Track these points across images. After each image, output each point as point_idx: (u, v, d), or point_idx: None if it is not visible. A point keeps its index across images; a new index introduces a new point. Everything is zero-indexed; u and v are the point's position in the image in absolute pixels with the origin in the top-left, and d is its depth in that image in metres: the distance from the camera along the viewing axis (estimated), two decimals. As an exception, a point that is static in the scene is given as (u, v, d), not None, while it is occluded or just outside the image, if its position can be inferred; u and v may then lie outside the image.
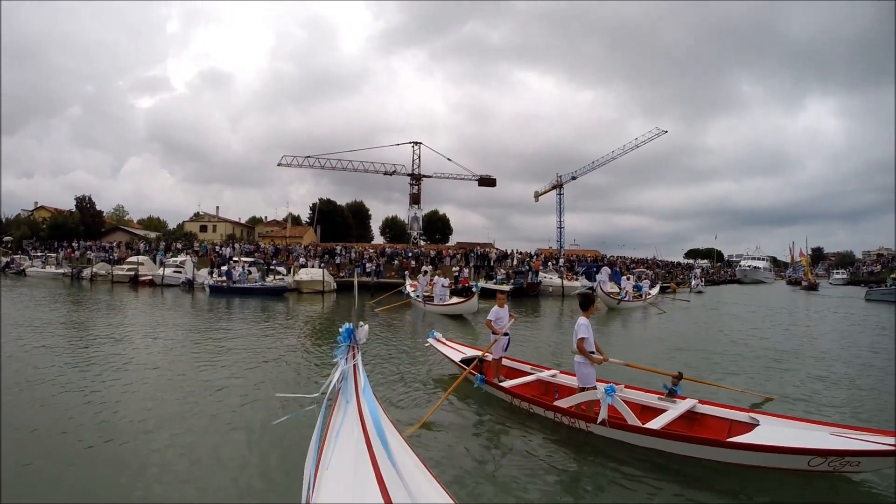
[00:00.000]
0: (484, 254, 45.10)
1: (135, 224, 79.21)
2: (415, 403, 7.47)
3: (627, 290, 27.42)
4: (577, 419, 6.23)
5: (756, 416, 5.83)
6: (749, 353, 12.65)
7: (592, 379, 6.40)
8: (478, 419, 6.94)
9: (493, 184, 64.01)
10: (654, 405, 6.48)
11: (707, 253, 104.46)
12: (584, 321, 6.43)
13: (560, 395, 7.53)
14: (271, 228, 74.68)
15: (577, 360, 6.46)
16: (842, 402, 8.20)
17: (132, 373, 8.90)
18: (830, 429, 5.25)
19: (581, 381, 6.48)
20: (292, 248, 45.29)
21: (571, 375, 7.52)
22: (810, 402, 8.11)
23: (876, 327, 19.27)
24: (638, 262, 56.39)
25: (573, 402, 6.50)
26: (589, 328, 6.44)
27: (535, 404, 6.88)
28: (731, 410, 6.19)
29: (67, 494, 4.50)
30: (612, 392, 5.82)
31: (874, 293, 35.17)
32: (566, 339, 14.86)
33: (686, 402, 6.43)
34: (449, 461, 5.39)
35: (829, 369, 10.71)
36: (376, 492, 2.52)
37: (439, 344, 9.58)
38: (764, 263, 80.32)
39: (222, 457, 5.36)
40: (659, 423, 5.80)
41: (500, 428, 6.56)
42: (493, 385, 7.64)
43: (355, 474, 2.77)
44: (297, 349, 12.05)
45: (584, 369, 6.41)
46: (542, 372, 8.26)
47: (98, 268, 37.58)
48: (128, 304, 22.50)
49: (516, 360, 8.96)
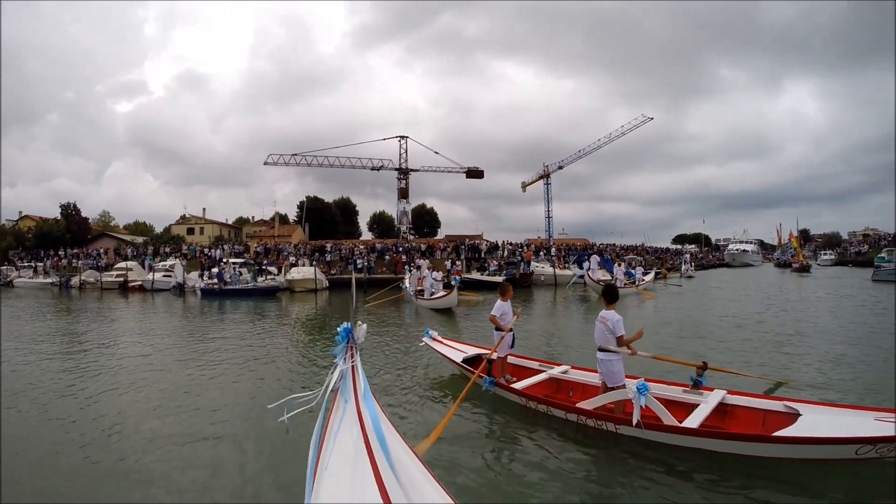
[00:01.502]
0: (474, 245, 45.21)
1: (121, 229, 78.46)
2: (416, 412, 6.83)
3: (618, 277, 27.54)
4: (605, 421, 5.72)
5: (792, 405, 5.47)
6: (761, 337, 12.16)
7: (621, 377, 5.92)
8: (487, 423, 6.40)
9: (480, 175, 64.07)
10: (681, 399, 6.05)
11: (695, 238, 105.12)
12: (617, 315, 5.97)
13: (575, 393, 7.06)
14: (259, 228, 74.33)
15: (603, 357, 5.98)
16: (868, 387, 7.62)
17: (127, 379, 8.83)
18: (874, 413, 4.98)
19: (608, 380, 5.98)
20: (282, 247, 45.12)
21: (585, 371, 7.27)
22: (832, 387, 7.65)
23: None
24: (627, 250, 56.70)
25: (599, 402, 5.95)
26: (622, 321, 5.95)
27: (553, 406, 6.31)
28: (764, 400, 5.87)
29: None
30: (646, 390, 5.22)
31: (881, 273, 33.51)
32: (564, 329, 15.04)
33: (715, 393, 5.99)
34: (462, 471, 5.00)
35: (848, 352, 10.15)
36: (375, 492, 2.51)
37: (436, 343, 8.93)
38: (752, 247, 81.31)
39: (221, 458, 5.36)
40: (695, 420, 5.36)
41: (512, 433, 6.05)
42: (504, 387, 6.96)
43: (354, 474, 2.76)
44: (294, 349, 12.05)
45: (613, 366, 5.93)
46: (552, 369, 7.62)
47: (86, 275, 37.25)
48: (119, 311, 22.33)
49: (521, 357, 8.37)
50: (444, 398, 7.43)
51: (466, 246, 44.30)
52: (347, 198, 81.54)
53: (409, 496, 2.64)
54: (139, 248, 49.27)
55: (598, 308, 21.19)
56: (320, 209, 70.02)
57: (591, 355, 9.70)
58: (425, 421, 6.37)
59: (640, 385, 5.22)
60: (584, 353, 10.45)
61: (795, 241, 68.30)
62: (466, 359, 8.14)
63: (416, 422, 6.44)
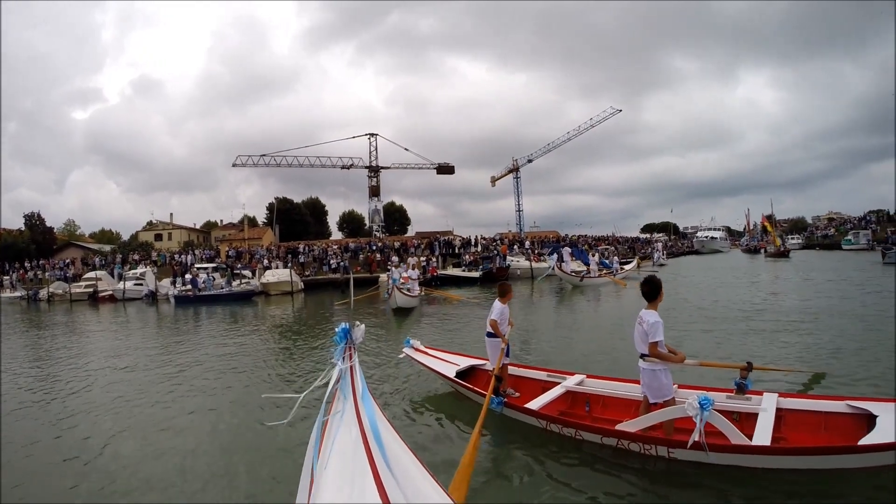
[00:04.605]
0: (448, 241, 45.29)
1: (87, 238, 76.45)
2: (412, 440, 5.09)
3: (592, 268, 27.97)
4: (653, 444, 4.78)
5: (856, 404, 4.85)
6: (772, 326, 11.46)
7: (669, 389, 4.97)
8: (501, 451, 5.45)
9: (451, 171, 63.94)
10: (731, 408, 5.16)
11: (663, 226, 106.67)
12: (655, 317, 4.88)
13: (594, 407, 6.10)
14: (228, 232, 73.24)
15: (646, 367, 4.99)
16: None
17: (110, 394, 8.66)
18: None
19: (653, 394, 5.01)
20: (254, 249, 44.55)
21: (604, 380, 6.41)
22: (878, 378, 7.01)
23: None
24: (599, 240, 57.35)
25: (647, 422, 4.94)
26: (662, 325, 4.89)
27: (585, 430, 5.23)
28: (822, 401, 5.13)
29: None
30: (710, 405, 4.34)
31: (894, 255, 30.47)
32: (549, 326, 14.69)
33: (767, 398, 5.18)
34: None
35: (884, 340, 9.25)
36: (374, 493, 2.50)
37: (419, 354, 7.70)
38: (720, 234, 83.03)
39: (218, 462, 5.40)
40: (764, 434, 4.56)
41: (534, 462, 5.04)
42: (519, 408, 5.88)
43: (353, 475, 2.75)
44: (280, 352, 12.07)
45: (659, 378, 4.94)
46: (565, 380, 6.49)
47: (55, 287, 36.27)
48: (90, 324, 21.80)
49: (524, 367, 7.33)
50: (438, 422, 6.36)
51: (440, 242, 44.34)
52: (317, 198, 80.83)
53: (408, 497, 2.67)
54: (107, 256, 48.04)
55: (572, 299, 21.36)
56: (290, 210, 69.29)
57: (576, 354, 9.86)
58: (425, 450, 5.18)
59: (703, 399, 4.37)
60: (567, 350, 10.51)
61: (770, 225, 65.69)
62: (460, 372, 7.10)
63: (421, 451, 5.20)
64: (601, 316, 16.97)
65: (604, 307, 19.21)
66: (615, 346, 10.15)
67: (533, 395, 6.24)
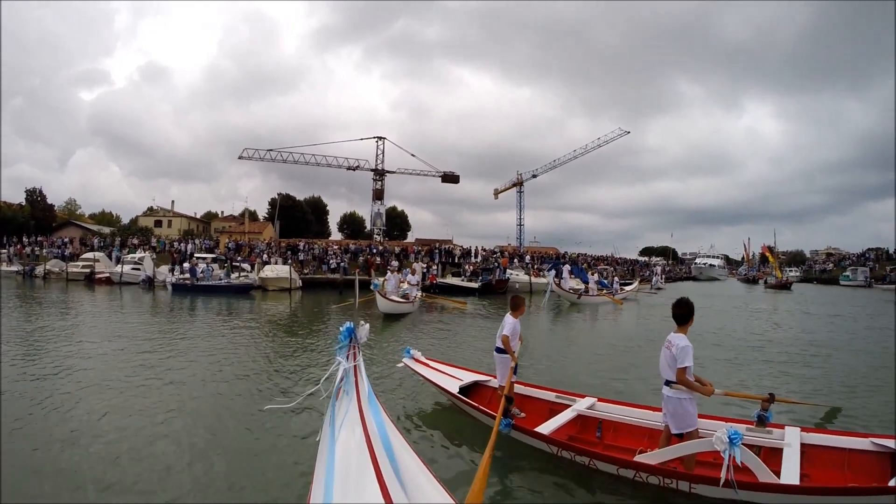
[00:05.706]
0: (449, 250, 45.32)
1: (87, 219, 76.39)
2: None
3: (591, 287, 27.99)
4: (675, 479, 4.51)
5: (881, 442, 4.69)
6: (784, 358, 11.36)
7: (694, 419, 4.70)
8: (505, 470, 5.16)
9: (456, 180, 63.87)
10: (752, 441, 4.87)
11: (662, 251, 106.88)
12: (685, 341, 4.60)
13: (606, 433, 5.79)
14: (228, 224, 73.40)
15: (670, 395, 4.69)
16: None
17: (108, 384, 8.30)
18: None
19: (676, 423, 4.73)
20: (254, 244, 44.52)
21: (617, 404, 6.14)
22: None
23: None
24: (598, 260, 57.50)
25: (671, 455, 4.66)
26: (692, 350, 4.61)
27: (601, 460, 4.92)
28: (845, 437, 4.96)
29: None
30: (740, 440, 4.06)
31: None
32: (549, 343, 14.61)
33: (790, 432, 4.99)
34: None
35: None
36: (377, 492, 2.51)
37: (420, 366, 7.33)
38: (719, 261, 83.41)
39: (217, 461, 5.32)
40: (791, 471, 4.36)
41: (543, 486, 4.85)
42: (529, 432, 5.49)
43: (357, 474, 2.75)
44: (280, 349, 11.96)
45: (688, 407, 4.66)
46: (576, 402, 6.19)
47: (51, 265, 36.23)
48: (85, 304, 21.69)
49: (531, 386, 6.91)
50: (435, 438, 6.07)
51: (441, 250, 44.35)
52: (319, 197, 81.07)
53: (412, 497, 2.66)
54: (106, 238, 47.95)
55: (568, 315, 21.16)
56: (292, 207, 69.34)
57: (580, 374, 9.60)
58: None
59: (732, 434, 4.07)
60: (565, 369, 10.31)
61: (771, 256, 65.80)
62: (464, 387, 6.78)
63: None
64: (597, 335, 16.92)
65: (601, 326, 19.26)
66: (618, 366, 10.15)
67: (539, 416, 6.02)
